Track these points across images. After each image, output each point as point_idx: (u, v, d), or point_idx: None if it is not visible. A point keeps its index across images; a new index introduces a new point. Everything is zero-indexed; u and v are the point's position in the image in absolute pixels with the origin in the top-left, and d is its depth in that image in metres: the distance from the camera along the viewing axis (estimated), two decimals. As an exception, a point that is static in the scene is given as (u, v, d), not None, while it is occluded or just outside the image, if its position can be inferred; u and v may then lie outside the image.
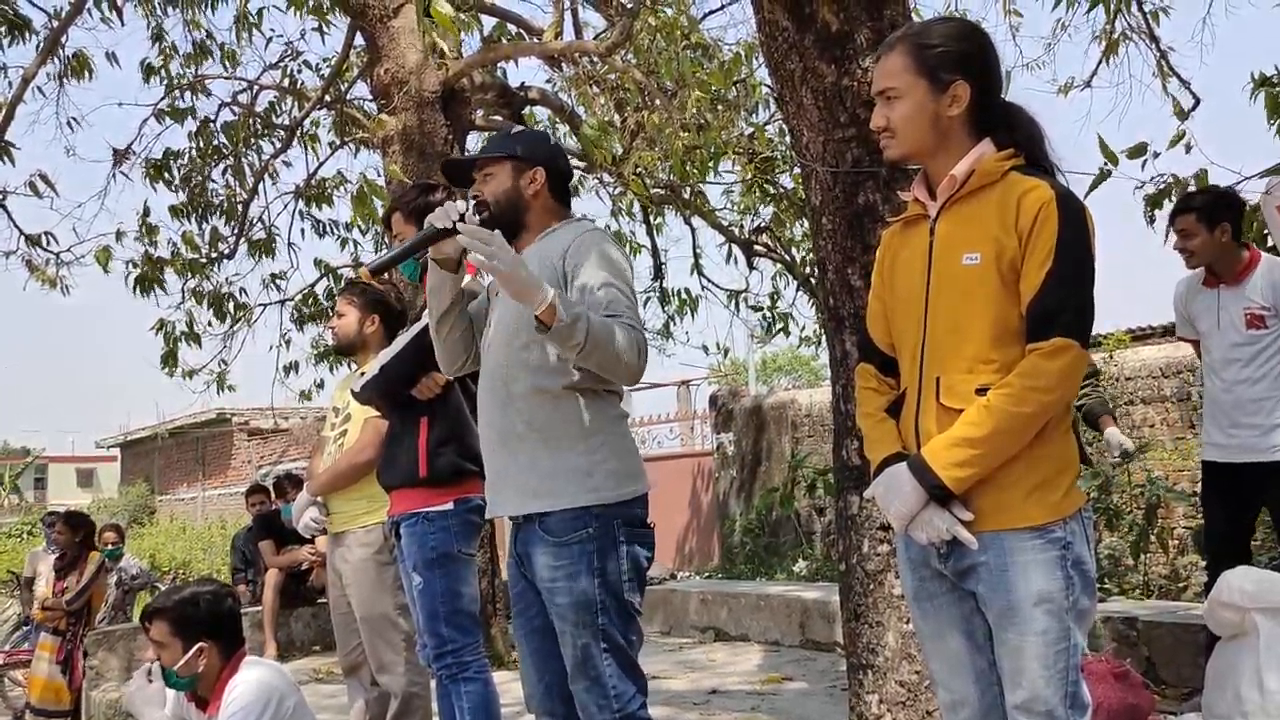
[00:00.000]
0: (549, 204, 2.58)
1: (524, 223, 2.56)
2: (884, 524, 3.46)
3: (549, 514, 2.36)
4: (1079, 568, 1.91)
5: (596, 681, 2.35)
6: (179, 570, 16.75)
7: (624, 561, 2.37)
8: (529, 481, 2.39)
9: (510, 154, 2.56)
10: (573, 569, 2.34)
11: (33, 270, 7.60)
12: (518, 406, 2.41)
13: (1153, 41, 5.72)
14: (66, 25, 7.13)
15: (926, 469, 1.91)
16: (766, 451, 9.72)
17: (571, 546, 2.34)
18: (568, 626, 2.37)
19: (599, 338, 2.23)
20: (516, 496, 2.43)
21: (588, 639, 2.35)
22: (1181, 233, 3.81)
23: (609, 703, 2.35)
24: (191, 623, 3.07)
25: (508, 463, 2.44)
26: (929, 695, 3.35)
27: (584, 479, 2.35)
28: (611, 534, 2.36)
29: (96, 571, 6.67)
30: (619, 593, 2.36)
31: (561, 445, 2.37)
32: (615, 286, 2.37)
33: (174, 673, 3.06)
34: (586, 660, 2.35)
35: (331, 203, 9.03)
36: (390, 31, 6.31)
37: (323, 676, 5.92)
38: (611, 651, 2.36)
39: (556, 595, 2.37)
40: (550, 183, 2.57)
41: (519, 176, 2.55)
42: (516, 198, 2.54)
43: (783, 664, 5.62)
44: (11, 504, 30.11)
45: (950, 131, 2.00)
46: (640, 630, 2.47)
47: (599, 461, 2.37)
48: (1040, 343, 1.87)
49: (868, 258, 3.47)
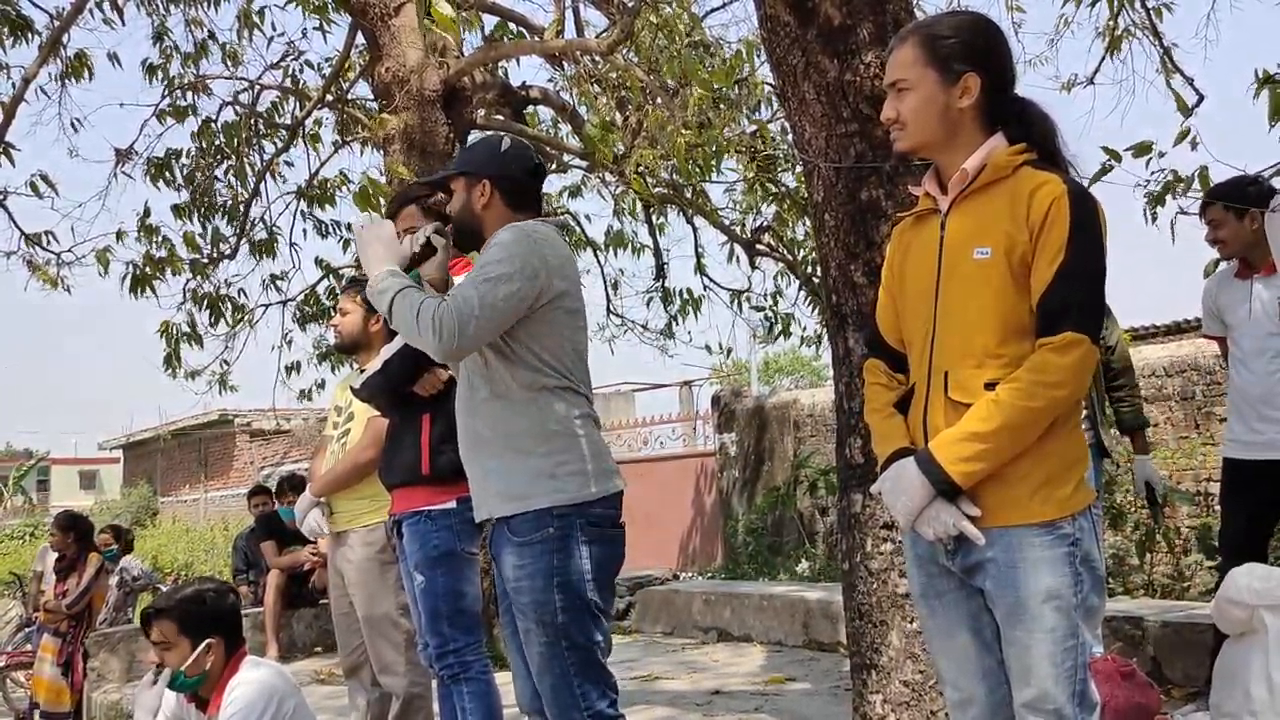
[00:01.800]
0: (503, 213, 2.57)
1: (482, 234, 2.57)
2: (888, 522, 3.44)
3: (513, 516, 2.41)
4: (1088, 565, 1.90)
5: (561, 679, 2.39)
6: (181, 571, 16.74)
7: (586, 561, 2.39)
8: (497, 485, 2.45)
9: (461, 170, 2.62)
10: (533, 568, 2.38)
11: (34, 270, 7.58)
12: (482, 412, 2.48)
13: (1156, 38, 5.69)
14: (68, 25, 7.12)
15: (934, 463, 1.89)
16: (769, 451, 9.70)
17: (534, 546, 2.38)
18: (530, 625, 2.41)
19: (398, 314, 2.39)
20: (487, 500, 2.49)
21: (550, 637, 2.38)
22: (1211, 223, 3.76)
23: (575, 700, 2.38)
24: (199, 620, 3.07)
25: (477, 468, 2.51)
26: (933, 695, 3.33)
27: (546, 480, 2.40)
28: (573, 534, 2.39)
29: (96, 573, 6.66)
30: (581, 592, 2.39)
31: (524, 448, 2.42)
32: (482, 269, 2.39)
33: (182, 673, 3.04)
34: (550, 659, 2.39)
35: (334, 202, 9.01)
36: (391, 30, 6.30)
37: (324, 678, 5.90)
38: (573, 650, 2.38)
39: (520, 595, 2.41)
40: (501, 192, 2.57)
41: (469, 191, 2.59)
42: (468, 212, 2.59)
43: (786, 664, 5.59)
44: (14, 506, 30.14)
45: (961, 124, 1.99)
46: (606, 630, 2.48)
47: (562, 463, 2.41)
48: (1050, 338, 1.86)
49: (871, 254, 3.45)
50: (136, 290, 7.87)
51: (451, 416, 3.22)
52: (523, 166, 2.62)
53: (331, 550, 3.78)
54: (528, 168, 2.63)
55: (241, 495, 17.10)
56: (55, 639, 6.50)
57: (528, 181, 2.63)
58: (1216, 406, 6.42)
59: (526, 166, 2.63)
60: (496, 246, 2.43)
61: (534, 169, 2.65)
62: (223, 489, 23.41)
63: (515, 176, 2.60)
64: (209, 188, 8.38)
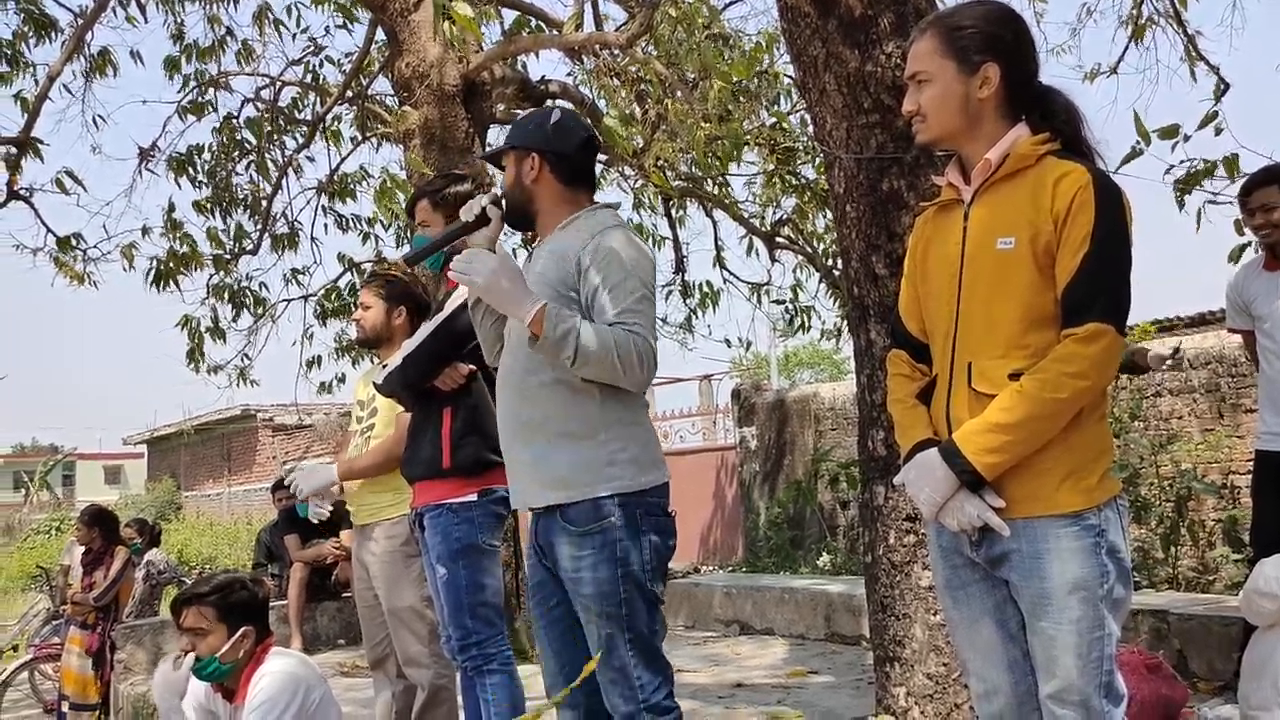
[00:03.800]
0: (556, 190, 2.49)
1: (533, 212, 2.51)
2: (910, 515, 3.43)
3: (570, 505, 2.35)
4: (1114, 556, 1.88)
5: (621, 671, 2.34)
6: (205, 565, 16.90)
7: (646, 551, 2.35)
8: (549, 473, 2.38)
9: (511, 144, 2.52)
10: (595, 559, 2.33)
11: (60, 266, 7.66)
12: (537, 398, 2.39)
13: (1180, 26, 5.64)
14: (91, 23, 7.18)
15: (958, 454, 1.88)
16: (790, 445, 9.68)
17: (594, 536, 2.33)
18: (592, 617, 2.36)
19: (591, 351, 2.22)
20: (537, 488, 2.41)
21: (611, 629, 2.34)
22: (1262, 208, 3.66)
23: (633, 693, 2.34)
24: (235, 607, 3.10)
25: (526, 454, 2.42)
26: (957, 688, 3.32)
27: (604, 469, 2.34)
28: (634, 523, 2.34)
29: (123, 566, 6.72)
30: (641, 582, 2.35)
31: (581, 436, 2.35)
32: (624, 289, 2.31)
33: (215, 660, 3.06)
34: (611, 650, 2.34)
35: (354, 197, 9.07)
36: (411, 25, 6.31)
37: (348, 670, 5.94)
38: (635, 641, 2.34)
39: (580, 586, 2.35)
40: (554, 167, 2.48)
41: (519, 165, 2.49)
42: (519, 187, 2.50)
43: (808, 658, 5.59)
44: (41, 501, 30.47)
45: (982, 114, 1.98)
46: (663, 619, 2.45)
47: (618, 451, 2.35)
48: (1076, 328, 1.84)
49: (892, 245, 3.44)
50: (159, 284, 7.94)
51: (473, 410, 3.24)
52: (574, 140, 2.51)
53: (356, 544, 3.80)
54: (579, 141, 2.51)
55: (264, 490, 17.22)
56: (82, 631, 6.56)
57: (579, 156, 2.51)
58: (1243, 398, 6.35)
59: (577, 140, 2.51)
60: (626, 261, 2.33)
61: (585, 142, 2.53)
62: (246, 484, 23.60)
63: (565, 151, 2.48)
64: (229, 183, 8.44)
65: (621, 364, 2.24)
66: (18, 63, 7.53)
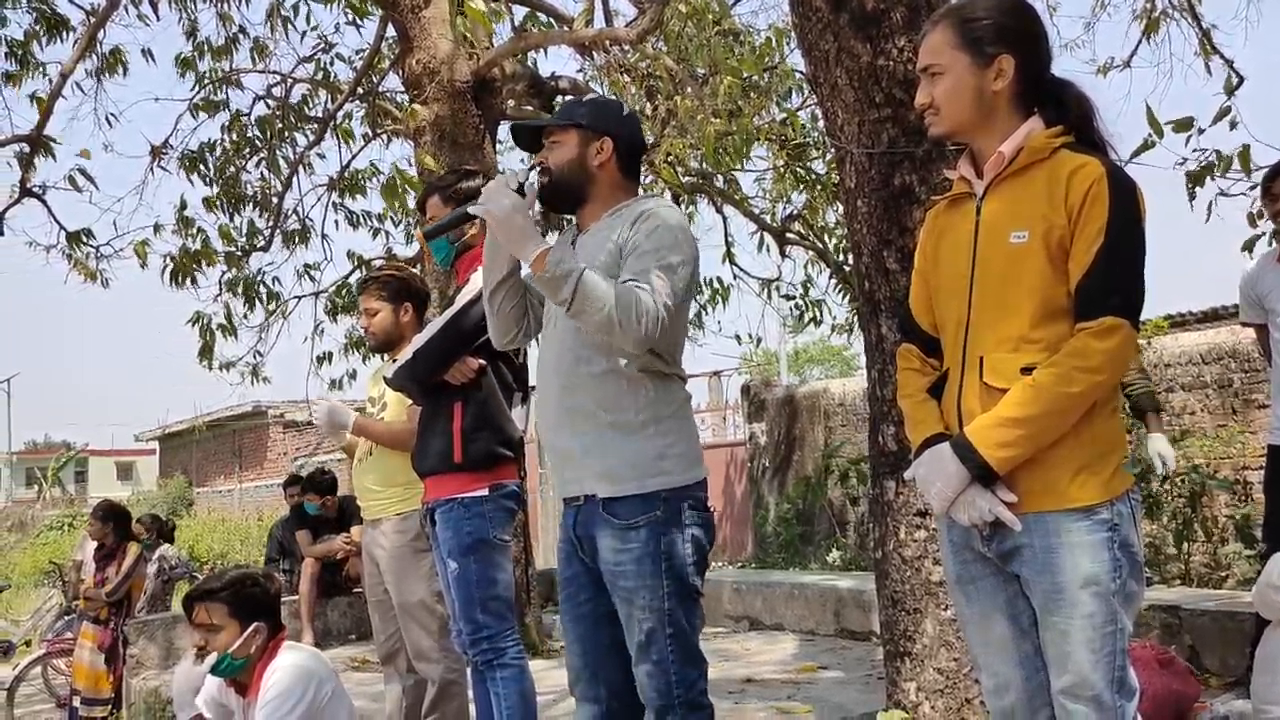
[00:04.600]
0: (616, 178, 2.47)
1: (587, 195, 2.47)
2: (921, 509, 3.42)
3: (617, 497, 2.33)
4: (1127, 550, 1.87)
5: (659, 665, 2.32)
6: (217, 561, 16.98)
7: (688, 545, 2.34)
8: (599, 463, 2.35)
9: (577, 122, 2.47)
10: (640, 553, 2.31)
11: (75, 264, 7.70)
12: (589, 387, 2.36)
13: (1194, 19, 5.61)
14: (103, 21, 7.21)
15: (970, 449, 1.87)
16: (799, 441, 9.67)
17: (639, 530, 2.31)
18: (634, 610, 2.33)
19: (590, 297, 2.18)
20: (587, 478, 2.37)
21: (653, 623, 2.32)
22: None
23: (670, 687, 2.33)
24: (248, 602, 3.11)
25: (573, 443, 2.39)
26: (967, 683, 3.32)
27: (655, 462, 2.32)
28: (678, 517, 2.33)
29: (135, 562, 6.75)
30: (684, 576, 2.33)
31: (633, 428, 2.33)
32: (655, 255, 2.28)
33: (229, 655, 3.08)
34: (650, 644, 2.32)
35: (365, 194, 9.09)
36: (421, 22, 6.31)
37: (359, 665, 5.96)
38: (675, 636, 2.33)
39: (622, 579, 2.33)
40: (619, 155, 2.47)
41: (586, 146, 2.45)
42: (581, 168, 2.45)
43: (818, 653, 5.59)
44: (53, 497, 30.63)
45: (996, 107, 1.97)
46: (702, 613, 2.44)
47: (669, 445, 2.34)
48: (1089, 322, 1.83)
49: (904, 240, 3.43)
50: (176, 280, 7.98)
51: (484, 404, 3.24)
52: (640, 136, 2.56)
53: (366, 538, 3.82)
54: (642, 139, 2.58)
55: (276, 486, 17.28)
56: (95, 626, 6.60)
57: (642, 151, 2.58)
58: (1256, 394, 6.32)
59: (642, 137, 2.57)
60: (664, 230, 2.32)
61: (644, 142, 2.61)
62: (257, 480, 23.68)
63: (636, 143, 2.51)
64: (238, 180, 8.46)
65: (618, 317, 2.18)
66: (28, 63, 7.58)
